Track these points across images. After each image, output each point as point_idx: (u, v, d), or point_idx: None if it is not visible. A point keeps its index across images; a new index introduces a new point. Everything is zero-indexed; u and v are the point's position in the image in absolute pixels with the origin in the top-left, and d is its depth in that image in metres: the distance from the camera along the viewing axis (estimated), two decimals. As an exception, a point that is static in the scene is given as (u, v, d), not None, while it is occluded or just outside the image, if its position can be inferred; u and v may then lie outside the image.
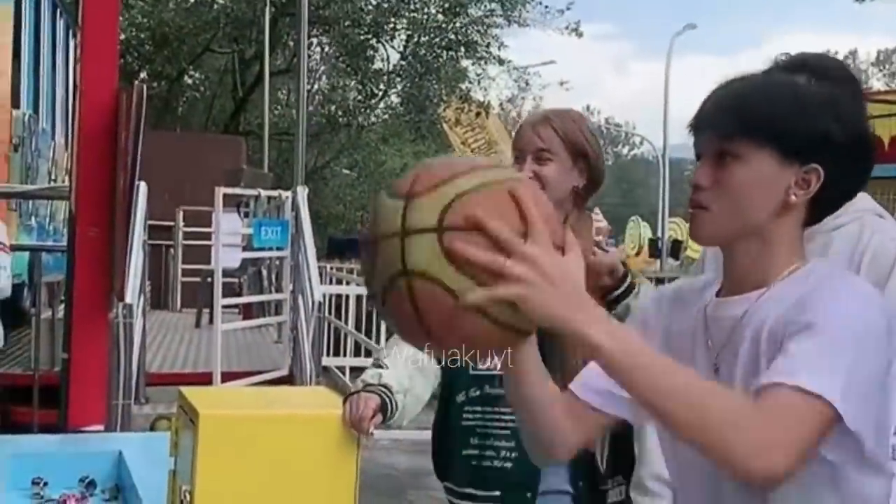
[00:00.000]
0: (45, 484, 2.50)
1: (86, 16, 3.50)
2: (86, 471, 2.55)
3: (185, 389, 2.36)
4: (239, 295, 9.22)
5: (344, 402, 2.30)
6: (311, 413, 2.24)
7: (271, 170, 17.24)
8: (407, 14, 20.06)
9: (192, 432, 2.14)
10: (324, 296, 6.34)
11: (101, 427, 3.43)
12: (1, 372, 4.87)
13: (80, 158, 3.56)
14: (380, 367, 2.41)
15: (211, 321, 8.62)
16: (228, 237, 7.38)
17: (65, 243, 7.07)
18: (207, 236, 10.35)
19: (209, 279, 8.75)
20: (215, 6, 19.72)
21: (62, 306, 5.40)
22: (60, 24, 8.45)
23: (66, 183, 7.62)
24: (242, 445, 2.11)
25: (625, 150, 68.26)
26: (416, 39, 20.15)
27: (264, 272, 9.13)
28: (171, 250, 11.30)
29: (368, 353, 10.79)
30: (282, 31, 20.52)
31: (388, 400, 2.33)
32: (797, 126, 1.50)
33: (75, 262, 3.53)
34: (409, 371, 2.43)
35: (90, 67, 3.57)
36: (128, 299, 4.04)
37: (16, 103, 6.58)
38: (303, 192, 6.84)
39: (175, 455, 2.31)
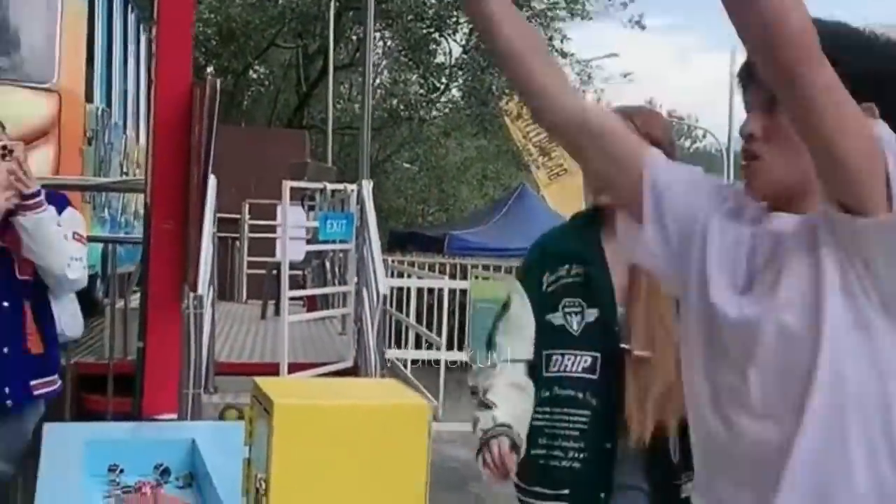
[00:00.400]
0: (122, 471, 2.54)
1: (161, 12, 3.58)
2: (160, 458, 2.60)
3: (259, 379, 2.41)
4: (303, 287, 9.32)
5: (478, 454, 2.37)
6: (383, 404, 2.28)
7: (334, 163, 17.38)
8: (470, 7, 20.05)
9: (266, 421, 2.18)
10: (386, 288, 6.39)
11: (174, 415, 3.51)
12: (75, 360, 4.98)
13: (156, 153, 3.64)
14: (487, 406, 2.46)
15: (276, 312, 8.73)
16: (293, 230, 7.48)
17: (136, 235, 7.23)
18: (272, 229, 10.48)
19: (274, 271, 8.86)
20: (280, 1, 19.92)
21: (133, 297, 5.52)
22: (132, 18, 8.61)
23: (138, 176, 7.77)
24: (316, 435, 2.15)
25: (687, 143, 67.50)
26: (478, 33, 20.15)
27: (328, 265, 9.23)
28: (237, 242, 11.45)
29: (429, 346, 10.85)
30: (345, 25, 20.65)
31: (514, 438, 2.38)
32: (848, 63, 1.43)
33: (150, 254, 3.61)
34: (513, 396, 2.47)
35: (165, 63, 3.64)
36: (199, 290, 4.12)
37: (89, 98, 6.73)
38: (368, 186, 6.90)
39: (249, 444, 2.36)
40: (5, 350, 3.31)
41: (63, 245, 3.35)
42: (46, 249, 3.31)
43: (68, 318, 3.55)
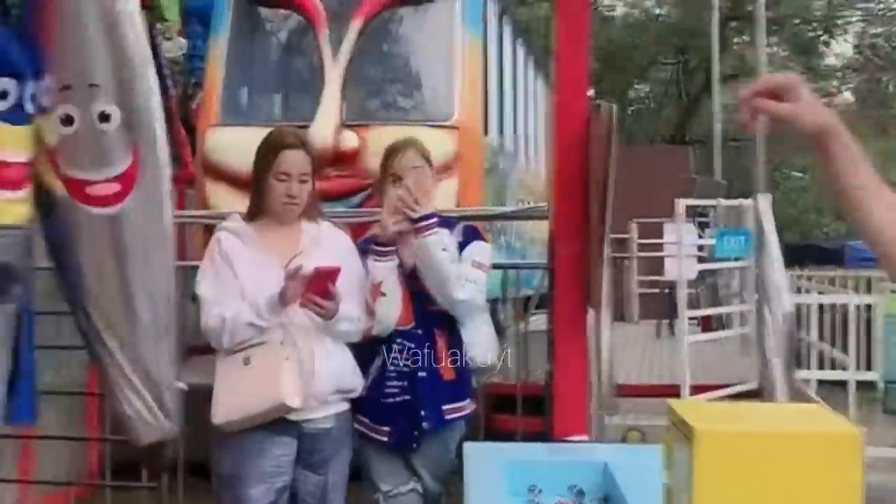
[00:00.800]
0: (540, 491, 2.60)
1: (559, 46, 3.68)
2: (575, 480, 2.63)
3: (674, 403, 2.39)
4: (696, 306, 9.17)
5: None
6: (812, 430, 2.18)
7: (722, 178, 17.00)
8: (861, 5, 18.94)
9: (687, 448, 2.16)
10: (788, 306, 6.12)
11: (584, 437, 3.56)
12: (484, 381, 5.20)
13: (558, 181, 3.73)
14: None
15: (671, 332, 8.66)
16: (685, 248, 7.39)
17: (531, 260, 7.46)
18: (659, 247, 10.42)
19: (667, 290, 8.80)
20: (660, 19, 19.91)
21: (531, 319, 5.69)
22: (520, 53, 8.95)
23: (530, 202, 8.02)
24: (742, 463, 2.10)
25: None
26: (872, 32, 18.94)
27: (719, 283, 9.03)
28: (626, 262, 11.50)
29: (833, 365, 10.27)
30: (728, 36, 20.22)
31: None
32: None
33: (556, 279, 3.70)
34: None
35: (563, 94, 3.74)
36: (601, 312, 4.17)
37: (485, 130, 7.06)
38: (766, 200, 6.67)
39: (668, 469, 2.34)
40: (420, 375, 3.52)
41: (448, 267, 3.48)
42: (432, 271, 3.47)
43: (479, 345, 3.70)
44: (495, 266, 6.40)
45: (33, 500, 5.26)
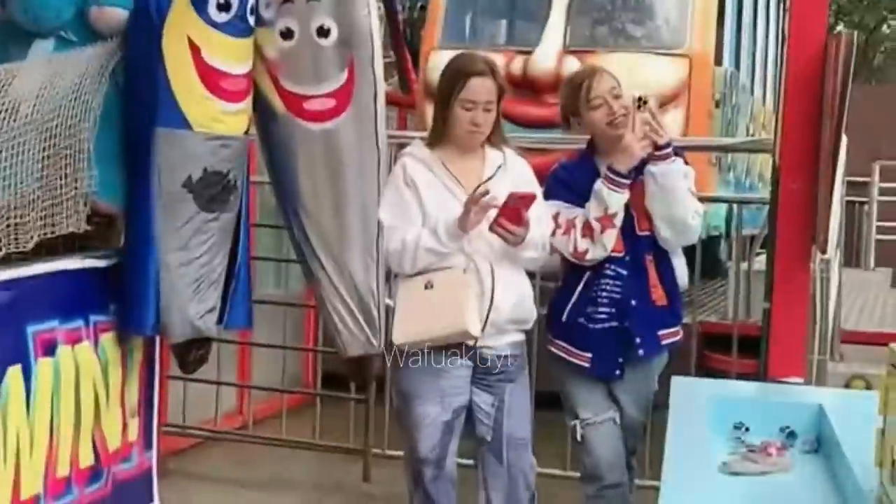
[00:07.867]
0: (747, 429, 2.52)
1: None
2: (786, 421, 2.53)
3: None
4: (940, 255, 8.55)
5: None
6: None
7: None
8: None
9: (904, 392, 2.01)
10: None
11: (800, 380, 3.40)
12: (699, 320, 5.06)
13: (785, 112, 3.52)
14: None
15: (910, 281, 8.12)
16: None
17: (759, 196, 7.13)
18: (903, 192, 9.77)
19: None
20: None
21: (756, 259, 5.46)
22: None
23: (765, 136, 7.65)
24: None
25: None
26: None
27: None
28: (865, 206, 10.86)
29: None
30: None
31: None
32: None
33: (778, 215, 3.52)
34: None
35: (799, 19, 3.51)
36: (827, 253, 3.94)
37: (718, 61, 6.76)
38: None
39: (884, 414, 2.20)
40: (633, 302, 3.44)
41: (688, 197, 3.37)
42: (672, 199, 3.35)
43: (682, 276, 3.57)
44: (718, 199, 6.21)
45: (250, 405, 5.54)
